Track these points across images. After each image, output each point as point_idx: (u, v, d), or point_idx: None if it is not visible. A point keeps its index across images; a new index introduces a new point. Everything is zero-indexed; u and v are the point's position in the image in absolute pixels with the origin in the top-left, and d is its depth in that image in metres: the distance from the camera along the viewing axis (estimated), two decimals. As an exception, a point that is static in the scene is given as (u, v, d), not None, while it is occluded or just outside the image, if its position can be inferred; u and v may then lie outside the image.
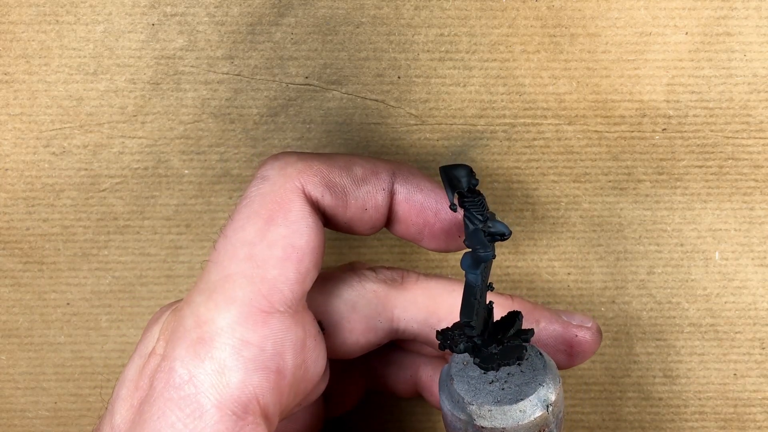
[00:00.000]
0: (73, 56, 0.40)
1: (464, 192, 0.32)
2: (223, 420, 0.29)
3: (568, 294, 0.43)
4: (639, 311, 0.43)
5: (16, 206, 0.42)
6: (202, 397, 0.29)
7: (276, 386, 0.30)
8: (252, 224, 0.31)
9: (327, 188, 0.32)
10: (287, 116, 0.41)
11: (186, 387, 0.29)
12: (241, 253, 0.31)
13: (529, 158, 0.42)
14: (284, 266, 0.31)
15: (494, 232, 0.32)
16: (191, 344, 0.30)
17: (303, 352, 0.31)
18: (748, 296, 0.43)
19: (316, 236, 0.32)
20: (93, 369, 0.44)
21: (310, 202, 0.32)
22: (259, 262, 0.31)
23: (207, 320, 0.30)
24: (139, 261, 0.43)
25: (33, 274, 0.43)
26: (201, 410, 0.29)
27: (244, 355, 0.29)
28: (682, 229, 0.42)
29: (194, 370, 0.29)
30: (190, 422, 0.29)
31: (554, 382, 0.31)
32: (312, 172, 0.32)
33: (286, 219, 0.31)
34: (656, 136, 0.41)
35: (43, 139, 0.41)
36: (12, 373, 0.44)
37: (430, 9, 0.40)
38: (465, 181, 0.32)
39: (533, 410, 0.31)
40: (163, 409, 0.29)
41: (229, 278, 0.30)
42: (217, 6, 0.40)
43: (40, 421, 0.44)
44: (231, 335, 0.30)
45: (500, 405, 0.31)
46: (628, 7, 0.40)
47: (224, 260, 0.31)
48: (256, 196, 0.32)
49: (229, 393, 0.29)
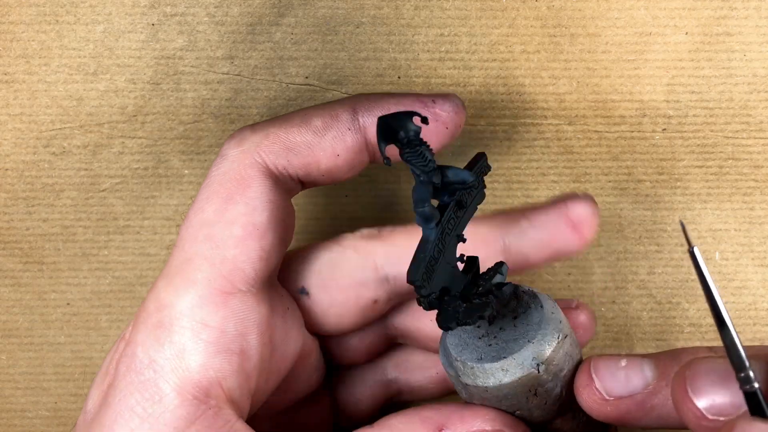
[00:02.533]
0: (73, 56, 0.40)
1: (402, 143, 0.28)
2: (184, 404, 0.28)
3: (569, 294, 0.43)
4: (639, 311, 0.43)
5: (16, 206, 0.42)
6: (161, 381, 0.29)
7: (240, 368, 0.30)
8: (211, 204, 0.31)
9: (290, 151, 0.31)
10: (287, 116, 0.41)
11: (146, 372, 0.29)
12: (201, 234, 0.30)
13: (529, 158, 0.42)
14: (245, 245, 0.30)
15: (451, 181, 0.29)
16: (152, 329, 0.30)
17: (269, 331, 0.31)
18: (749, 296, 0.43)
19: (278, 210, 0.31)
20: (93, 369, 0.43)
21: (271, 176, 0.31)
22: (218, 242, 0.30)
23: (167, 304, 0.30)
24: (139, 261, 0.43)
25: (33, 274, 0.43)
26: (160, 394, 0.28)
27: (203, 338, 0.29)
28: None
29: (154, 354, 0.29)
30: (149, 406, 0.28)
31: (551, 337, 0.30)
32: (270, 140, 0.31)
33: (245, 196, 0.31)
34: (656, 136, 0.41)
35: (43, 139, 0.41)
36: (12, 373, 0.44)
37: (430, 9, 0.40)
38: (403, 132, 0.28)
39: (516, 370, 0.29)
40: (125, 393, 0.29)
41: (189, 261, 0.30)
42: (217, 6, 0.40)
43: (40, 421, 0.44)
44: (190, 318, 0.29)
45: (482, 363, 0.30)
46: (628, 7, 0.40)
47: (185, 243, 0.31)
48: (216, 176, 0.31)
49: (189, 377, 0.29)
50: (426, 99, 0.33)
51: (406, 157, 0.28)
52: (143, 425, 0.28)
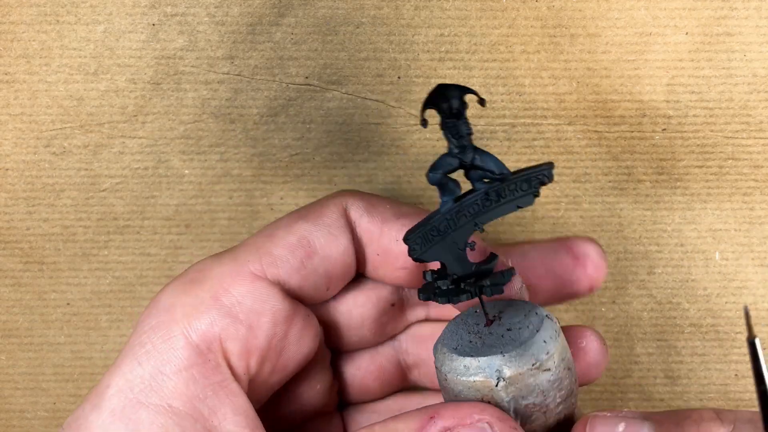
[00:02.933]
0: (73, 56, 0.40)
1: (445, 112, 0.30)
2: (187, 347, 0.31)
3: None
4: (639, 311, 0.43)
5: (17, 206, 0.42)
6: (173, 324, 0.31)
7: (244, 339, 0.32)
8: (288, 218, 0.34)
9: (366, 211, 0.34)
10: (287, 116, 0.41)
11: (163, 315, 0.32)
12: (266, 231, 0.34)
13: (529, 158, 0.42)
14: (292, 251, 0.33)
15: (479, 166, 0.30)
16: (184, 282, 0.33)
17: (286, 325, 0.33)
18: (749, 296, 0.43)
19: (336, 249, 0.34)
20: (93, 369, 0.43)
21: (347, 223, 0.34)
22: (272, 239, 0.33)
23: (205, 267, 0.33)
24: (139, 261, 0.43)
25: (33, 274, 0.43)
26: (170, 334, 0.31)
27: (221, 300, 0.32)
28: (682, 229, 0.42)
29: (175, 300, 0.32)
30: (159, 343, 0.31)
31: (524, 360, 0.29)
32: (361, 198, 0.35)
33: (316, 220, 0.34)
34: (656, 136, 0.41)
35: (44, 139, 0.41)
36: (11, 373, 0.44)
37: (430, 9, 0.40)
38: (450, 103, 0.30)
39: (476, 372, 0.30)
40: (139, 332, 0.32)
41: (244, 244, 0.34)
42: (217, 6, 0.40)
43: (39, 422, 0.44)
44: (217, 281, 0.32)
45: (453, 353, 0.30)
46: (628, 7, 0.40)
47: (250, 237, 0.34)
48: (310, 203, 0.35)
49: (198, 327, 0.31)
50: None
51: (445, 125, 0.30)
52: (149, 359, 0.31)
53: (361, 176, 0.42)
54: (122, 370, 0.31)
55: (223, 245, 0.42)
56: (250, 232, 0.42)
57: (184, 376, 0.31)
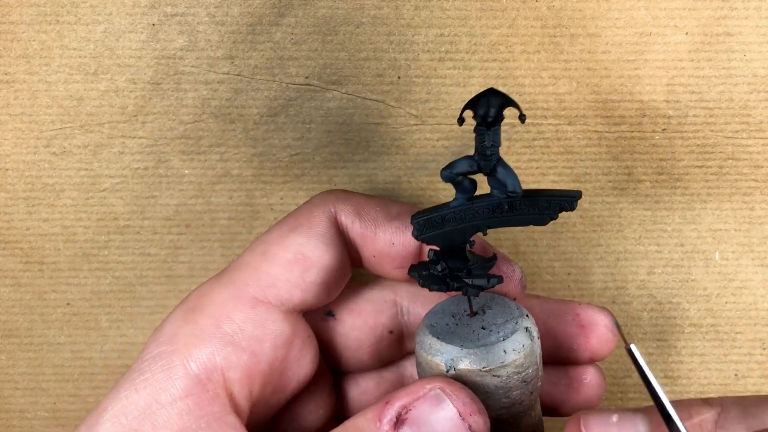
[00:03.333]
0: (73, 56, 0.40)
1: (479, 116, 0.30)
2: (185, 378, 0.31)
3: (569, 294, 0.43)
4: (639, 312, 0.43)
5: (17, 206, 0.42)
6: (174, 354, 0.31)
7: (246, 367, 0.32)
8: (278, 229, 0.34)
9: (357, 216, 0.34)
10: (287, 116, 0.41)
11: (165, 345, 0.32)
12: (259, 248, 0.34)
13: (529, 158, 0.42)
14: (290, 268, 0.33)
15: (496, 177, 0.31)
16: (185, 310, 0.33)
17: (286, 348, 0.33)
18: (749, 296, 0.43)
19: (331, 257, 0.34)
20: (93, 369, 0.43)
21: (337, 228, 0.34)
22: (268, 258, 0.33)
23: (206, 293, 0.33)
24: (139, 261, 0.43)
25: (33, 274, 0.43)
26: (170, 365, 0.31)
27: (223, 328, 0.32)
28: (682, 229, 0.42)
29: (177, 330, 0.32)
30: (158, 373, 0.31)
31: (476, 359, 0.31)
32: (349, 201, 0.35)
33: (309, 231, 0.34)
34: (656, 136, 0.41)
35: (44, 139, 0.41)
36: (11, 373, 0.43)
37: (430, 9, 0.40)
38: (487, 110, 0.30)
39: (435, 353, 0.31)
40: (140, 361, 0.32)
41: (239, 265, 0.34)
42: (217, 6, 0.40)
43: (39, 422, 0.44)
44: (219, 308, 0.32)
45: (427, 329, 0.32)
46: (628, 7, 0.40)
47: (245, 253, 0.34)
48: (294, 211, 0.35)
49: (198, 357, 0.31)
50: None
51: (475, 129, 0.30)
52: (146, 387, 0.31)
53: (361, 176, 0.42)
54: (119, 396, 0.31)
55: (223, 245, 0.42)
56: (250, 232, 0.42)
57: (179, 406, 0.31)
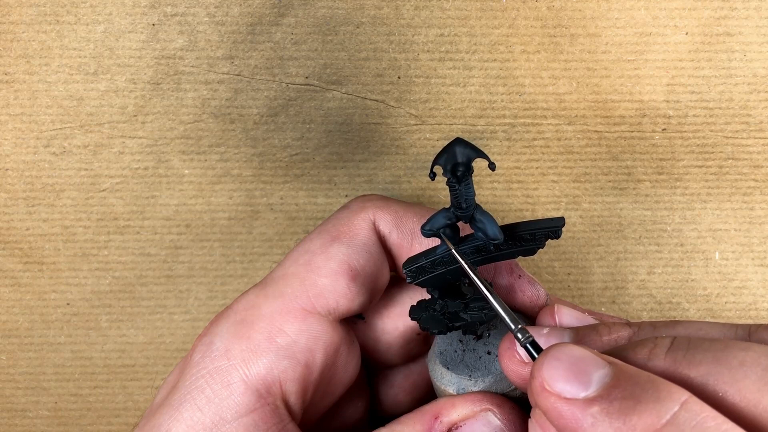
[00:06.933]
0: (73, 56, 0.40)
1: (447, 170, 0.30)
2: (247, 393, 0.31)
3: (568, 294, 0.43)
4: (639, 311, 0.43)
5: (17, 206, 0.42)
6: (232, 369, 0.32)
7: (302, 378, 0.32)
8: (319, 238, 0.35)
9: (396, 227, 0.35)
10: (287, 116, 0.41)
11: (220, 359, 0.32)
12: (302, 259, 0.34)
13: (529, 158, 0.42)
14: (335, 278, 0.33)
15: (477, 226, 0.31)
16: (233, 324, 0.33)
17: (335, 355, 0.34)
18: (749, 296, 0.43)
19: (374, 265, 0.34)
20: (93, 369, 0.43)
21: (378, 237, 0.35)
22: (314, 268, 0.34)
23: (255, 305, 0.33)
24: (139, 261, 0.43)
25: (33, 274, 0.43)
26: (229, 380, 0.31)
27: (277, 341, 0.32)
28: (682, 229, 0.42)
29: (230, 345, 0.32)
30: (219, 389, 0.31)
31: (479, 386, 0.32)
32: (387, 210, 0.35)
33: (351, 241, 0.34)
34: (656, 136, 0.41)
35: (44, 139, 0.41)
36: (12, 373, 0.44)
37: (430, 9, 0.40)
38: (453, 164, 0.29)
39: (448, 383, 0.32)
40: (196, 377, 0.32)
41: (284, 276, 0.34)
42: (217, 6, 0.40)
43: (41, 421, 0.44)
44: (270, 322, 0.33)
45: (437, 357, 0.33)
46: (628, 7, 0.40)
47: (286, 262, 0.34)
48: (333, 218, 0.35)
49: (257, 371, 0.32)
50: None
51: (447, 183, 0.30)
52: (209, 405, 0.31)
53: (361, 176, 0.42)
54: (183, 416, 0.31)
55: (223, 245, 0.42)
56: (250, 232, 0.42)
57: (245, 422, 0.31)
